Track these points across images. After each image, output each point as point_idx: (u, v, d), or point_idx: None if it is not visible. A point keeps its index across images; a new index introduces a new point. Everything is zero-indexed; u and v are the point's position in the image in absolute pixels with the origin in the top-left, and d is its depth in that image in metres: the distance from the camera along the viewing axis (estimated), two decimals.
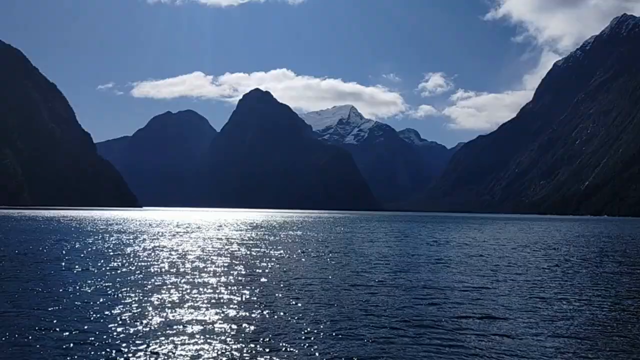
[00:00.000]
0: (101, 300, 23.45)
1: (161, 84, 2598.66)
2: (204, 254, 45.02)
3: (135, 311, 21.22)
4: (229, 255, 44.38)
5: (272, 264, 38.50)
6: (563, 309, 23.39)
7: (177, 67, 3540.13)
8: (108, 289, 26.31)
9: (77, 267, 35.37)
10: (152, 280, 29.53)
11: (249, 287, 27.46)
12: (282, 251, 49.13)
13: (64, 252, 46.17)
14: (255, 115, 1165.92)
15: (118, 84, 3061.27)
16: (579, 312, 22.64)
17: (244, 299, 24.09)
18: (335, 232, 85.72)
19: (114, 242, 58.26)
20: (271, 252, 48.10)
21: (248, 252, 47.03)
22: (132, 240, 60.40)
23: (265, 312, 21.38)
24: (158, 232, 77.95)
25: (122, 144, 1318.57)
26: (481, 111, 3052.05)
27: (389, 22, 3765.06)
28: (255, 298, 24.59)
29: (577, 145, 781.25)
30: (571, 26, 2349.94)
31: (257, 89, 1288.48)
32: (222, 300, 23.60)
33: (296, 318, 20.45)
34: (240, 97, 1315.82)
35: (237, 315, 20.74)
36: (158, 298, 23.98)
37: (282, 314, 21.19)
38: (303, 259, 42.28)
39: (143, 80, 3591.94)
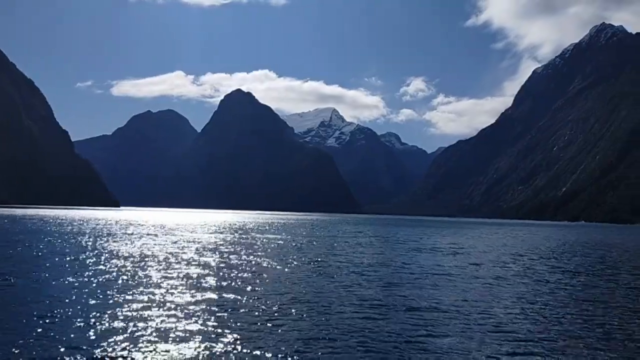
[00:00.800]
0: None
1: (141, 83, 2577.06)
2: (168, 258, 41.28)
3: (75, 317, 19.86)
4: (196, 261, 39.63)
5: (243, 272, 34.64)
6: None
7: (158, 66, 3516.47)
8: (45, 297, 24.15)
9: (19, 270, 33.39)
10: (97, 287, 27.23)
11: (209, 299, 24.34)
12: (255, 258, 44.31)
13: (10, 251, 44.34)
14: (236, 116, 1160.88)
15: (97, 82, 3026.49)
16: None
17: (197, 321, 20.00)
18: (314, 236, 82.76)
19: (71, 243, 55.61)
20: (243, 258, 43.54)
21: (218, 259, 42.38)
22: (91, 242, 57.82)
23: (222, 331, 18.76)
24: (124, 234, 73.91)
25: (101, 142, 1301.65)
26: (461, 116, 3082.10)
27: (371, 25, 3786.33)
28: (213, 309, 22.10)
29: (555, 151, 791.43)
30: (551, 34, 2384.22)
31: (239, 90, 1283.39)
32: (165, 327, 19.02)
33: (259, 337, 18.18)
34: (222, 97, 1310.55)
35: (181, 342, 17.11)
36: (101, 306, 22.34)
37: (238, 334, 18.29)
38: (277, 267, 38.36)
39: (123, 79, 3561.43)
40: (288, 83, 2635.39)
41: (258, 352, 16.27)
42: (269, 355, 16.07)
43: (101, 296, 24.32)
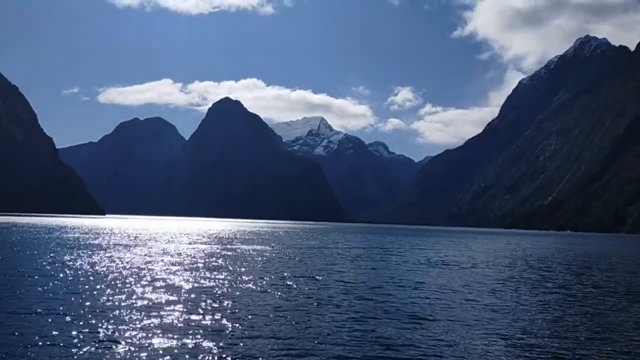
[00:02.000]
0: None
1: (128, 91, 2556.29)
2: (128, 275, 35.28)
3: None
4: (172, 275, 35.43)
5: (222, 288, 30.63)
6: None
7: (145, 74, 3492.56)
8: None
9: None
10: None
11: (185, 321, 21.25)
12: (235, 277, 36.78)
13: None
14: (224, 124, 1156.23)
15: (84, 89, 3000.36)
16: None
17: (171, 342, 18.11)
18: (303, 247, 79.41)
19: (45, 253, 53.54)
20: (221, 277, 35.89)
21: (197, 273, 37.52)
22: (67, 252, 55.78)
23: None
24: (88, 245, 67.76)
25: (87, 149, 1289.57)
26: (448, 126, 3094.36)
27: (359, 35, 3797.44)
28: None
29: (540, 161, 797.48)
30: (535, 45, 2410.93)
31: (227, 98, 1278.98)
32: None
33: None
34: (210, 105, 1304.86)
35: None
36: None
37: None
38: (260, 282, 33.94)
39: (110, 86, 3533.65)
40: (276, 92, 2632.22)
41: None
42: None
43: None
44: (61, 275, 34.21)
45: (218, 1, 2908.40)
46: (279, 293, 29.51)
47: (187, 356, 16.19)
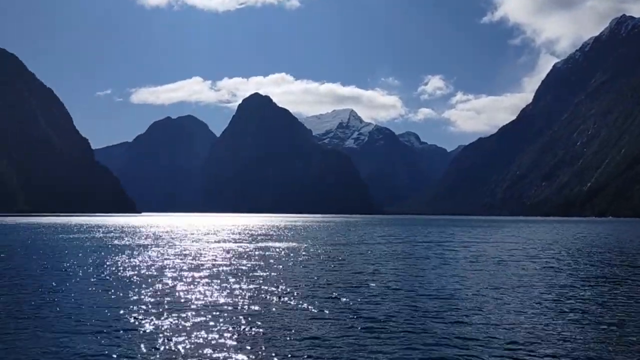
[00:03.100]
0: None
1: (160, 90, 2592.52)
2: (162, 273, 34.11)
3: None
4: (198, 280, 30.82)
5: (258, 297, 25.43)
6: None
7: (175, 73, 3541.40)
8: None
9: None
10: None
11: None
12: (274, 275, 33.57)
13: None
14: (254, 120, 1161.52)
15: (117, 90, 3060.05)
16: None
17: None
18: (338, 243, 71.15)
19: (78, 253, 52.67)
20: (259, 276, 32.78)
21: (227, 278, 32.10)
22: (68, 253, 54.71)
23: None
24: (110, 245, 67.02)
25: (122, 149, 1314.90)
26: (480, 114, 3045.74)
27: (387, 25, 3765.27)
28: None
29: (578, 146, 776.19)
30: (568, 28, 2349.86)
31: (256, 94, 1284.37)
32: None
33: None
34: (239, 101, 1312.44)
35: None
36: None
37: None
38: (301, 290, 28.07)
39: (142, 87, 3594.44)
40: (305, 85, 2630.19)
41: None
42: None
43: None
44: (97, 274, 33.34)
45: None
46: (323, 304, 23.37)
47: None
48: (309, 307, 22.51)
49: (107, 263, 39.74)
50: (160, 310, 21.49)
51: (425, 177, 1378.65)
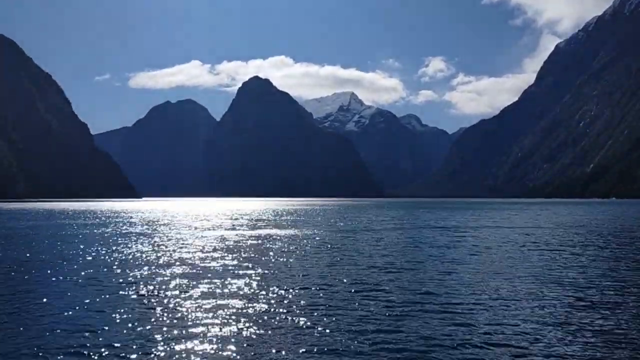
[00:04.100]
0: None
1: (158, 74, 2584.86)
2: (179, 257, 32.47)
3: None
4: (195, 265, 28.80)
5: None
6: None
7: (173, 57, 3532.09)
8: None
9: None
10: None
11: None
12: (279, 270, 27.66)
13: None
14: (255, 104, 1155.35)
15: (115, 75, 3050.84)
16: None
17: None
18: (342, 229, 61.82)
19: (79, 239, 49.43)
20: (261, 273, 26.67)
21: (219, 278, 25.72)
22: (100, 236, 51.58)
23: None
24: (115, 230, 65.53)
25: (121, 134, 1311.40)
26: (482, 95, 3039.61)
27: (386, 7, 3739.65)
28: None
29: (581, 127, 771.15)
30: (570, 8, 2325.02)
31: (256, 77, 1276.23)
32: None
33: None
34: (239, 85, 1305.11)
35: None
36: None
37: None
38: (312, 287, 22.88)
39: (140, 71, 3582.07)
40: (305, 68, 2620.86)
41: None
42: None
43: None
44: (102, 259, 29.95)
45: None
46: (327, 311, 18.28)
47: None
48: (309, 312, 17.92)
49: (69, 256, 34.78)
50: (115, 316, 18.33)
51: (427, 160, 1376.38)
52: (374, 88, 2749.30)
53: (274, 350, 14.03)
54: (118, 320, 17.03)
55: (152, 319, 17.13)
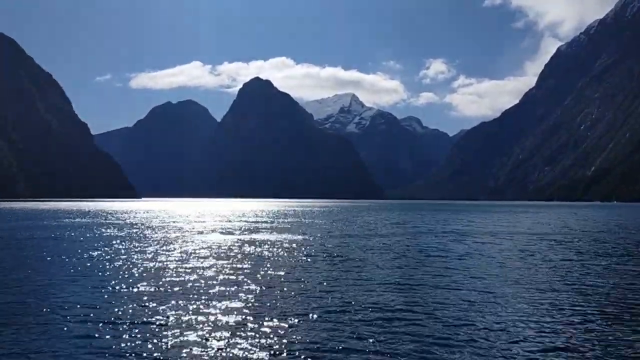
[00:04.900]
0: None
1: (159, 75, 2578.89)
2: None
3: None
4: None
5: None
6: None
7: (174, 58, 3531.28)
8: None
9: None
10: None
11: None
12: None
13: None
14: (255, 105, 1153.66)
15: (116, 75, 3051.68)
16: None
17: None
18: (346, 234, 56.31)
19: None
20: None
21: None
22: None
23: None
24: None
25: (122, 134, 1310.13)
26: (483, 98, 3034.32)
27: (388, 8, 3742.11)
28: None
29: (582, 130, 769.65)
30: (572, 11, 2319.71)
31: (257, 78, 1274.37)
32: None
33: None
34: (240, 86, 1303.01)
35: None
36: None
37: None
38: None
39: (141, 72, 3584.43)
40: (306, 70, 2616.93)
41: None
42: None
43: None
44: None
45: None
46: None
47: None
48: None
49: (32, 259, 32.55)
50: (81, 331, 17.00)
51: (427, 162, 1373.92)
52: (375, 90, 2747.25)
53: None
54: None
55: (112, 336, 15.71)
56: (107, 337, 14.78)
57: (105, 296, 20.44)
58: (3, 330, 15.42)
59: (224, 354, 13.30)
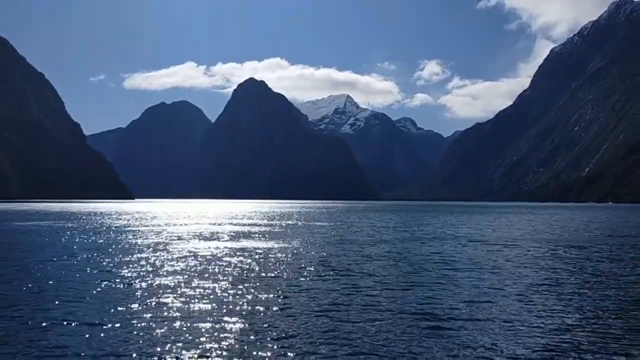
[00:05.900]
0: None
1: (153, 76, 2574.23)
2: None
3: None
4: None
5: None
6: None
7: (168, 58, 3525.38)
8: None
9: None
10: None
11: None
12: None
13: None
14: (250, 105, 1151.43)
15: (110, 75, 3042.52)
16: None
17: None
18: (344, 241, 49.90)
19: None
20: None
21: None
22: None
23: None
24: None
25: (116, 135, 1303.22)
26: (477, 99, 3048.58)
27: (382, 10, 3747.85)
28: None
29: (576, 131, 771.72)
30: (565, 12, 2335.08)
31: (251, 79, 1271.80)
32: None
33: None
34: (234, 87, 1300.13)
35: None
36: None
37: None
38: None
39: (135, 72, 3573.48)
40: (300, 71, 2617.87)
41: None
42: None
43: None
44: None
45: None
46: None
47: None
48: None
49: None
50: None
51: (422, 163, 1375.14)
52: (370, 91, 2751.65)
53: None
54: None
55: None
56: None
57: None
58: None
59: None
